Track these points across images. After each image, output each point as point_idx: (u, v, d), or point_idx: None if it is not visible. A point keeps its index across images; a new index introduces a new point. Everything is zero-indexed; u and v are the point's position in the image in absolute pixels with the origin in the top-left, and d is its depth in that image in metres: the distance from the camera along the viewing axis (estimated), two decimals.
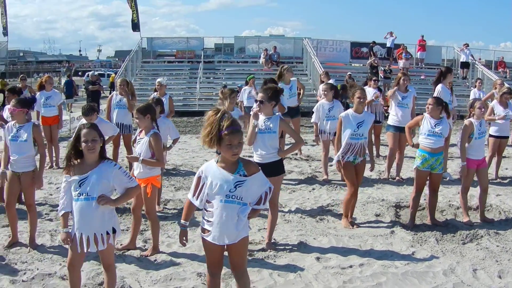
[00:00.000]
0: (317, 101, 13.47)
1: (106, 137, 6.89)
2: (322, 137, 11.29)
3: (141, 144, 7.01)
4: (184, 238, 5.04)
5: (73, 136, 5.14)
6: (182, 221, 5.02)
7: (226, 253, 4.93)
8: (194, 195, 4.83)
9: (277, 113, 7.26)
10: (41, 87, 12.83)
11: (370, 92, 12.64)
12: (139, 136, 7.19)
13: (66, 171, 5.12)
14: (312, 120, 11.46)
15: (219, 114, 4.60)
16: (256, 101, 7.20)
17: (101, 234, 5.02)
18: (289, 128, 7.55)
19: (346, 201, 8.20)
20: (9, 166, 7.37)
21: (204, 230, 4.85)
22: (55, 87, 13.18)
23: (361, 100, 8.08)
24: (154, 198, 7.28)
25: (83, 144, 4.96)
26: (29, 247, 7.27)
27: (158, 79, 12.11)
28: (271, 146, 7.06)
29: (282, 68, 13.22)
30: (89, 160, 5.04)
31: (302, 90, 14.51)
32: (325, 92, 11.27)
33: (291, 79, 13.07)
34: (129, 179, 5.20)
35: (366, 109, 8.54)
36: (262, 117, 7.05)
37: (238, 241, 4.80)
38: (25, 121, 7.32)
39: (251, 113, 7.10)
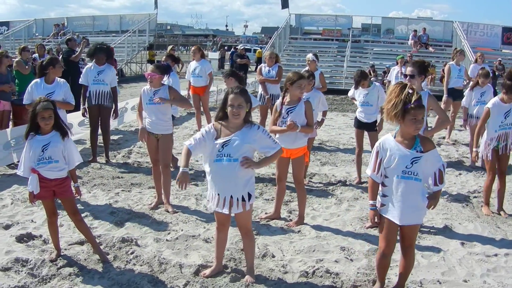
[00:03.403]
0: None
1: None
2: (470, 122, 10.98)
3: (295, 113, 7.00)
4: (376, 217, 5.00)
5: (223, 98, 5.31)
6: (371, 202, 5.02)
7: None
8: (374, 170, 4.93)
9: (425, 89, 7.27)
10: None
11: None
12: (286, 105, 7.13)
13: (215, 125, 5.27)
14: (463, 103, 11.19)
15: (406, 88, 4.69)
16: (405, 76, 7.22)
17: (237, 198, 5.18)
18: (436, 105, 7.47)
19: (485, 188, 8.03)
20: (146, 126, 7.73)
21: (381, 205, 4.97)
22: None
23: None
24: (305, 168, 7.41)
25: (228, 108, 5.11)
26: (171, 209, 7.69)
27: (307, 55, 12.27)
28: None
29: (455, 50, 13.93)
30: (233, 123, 5.18)
31: (468, 79, 14.29)
32: (481, 79, 10.84)
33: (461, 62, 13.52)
34: (273, 142, 5.28)
35: None
36: None
37: (411, 225, 4.90)
38: (161, 85, 7.65)
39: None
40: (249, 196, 5.25)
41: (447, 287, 5.50)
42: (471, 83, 11.28)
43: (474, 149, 8.03)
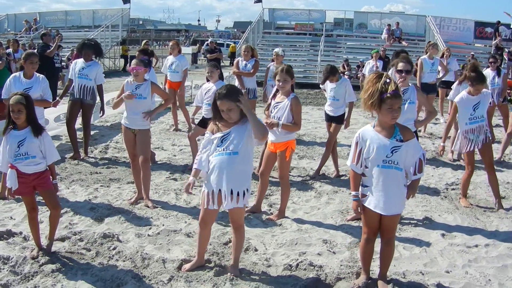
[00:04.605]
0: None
1: None
2: None
3: (280, 108, 7.06)
4: (359, 208, 5.04)
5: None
6: (353, 192, 5.05)
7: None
8: (353, 161, 4.95)
9: (410, 84, 7.39)
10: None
11: (490, 74, 12.01)
12: (274, 100, 7.26)
13: (209, 128, 5.35)
14: (450, 97, 11.17)
15: (382, 78, 4.71)
16: (401, 71, 7.29)
17: (238, 192, 5.17)
18: (423, 98, 7.58)
19: (463, 180, 8.10)
20: (123, 122, 7.78)
21: (362, 195, 5.00)
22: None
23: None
24: (289, 162, 7.44)
25: (221, 111, 5.15)
26: (151, 204, 7.66)
27: (275, 49, 12.30)
28: (410, 116, 7.17)
29: (428, 44, 14.07)
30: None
31: (443, 72, 14.41)
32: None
33: (434, 56, 13.63)
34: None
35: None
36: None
37: (392, 215, 4.94)
38: (143, 80, 7.69)
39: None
40: (246, 193, 5.27)
41: (430, 278, 5.55)
42: (460, 77, 11.31)
43: (441, 144, 8.13)
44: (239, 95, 5.13)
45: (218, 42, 39.82)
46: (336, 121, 9.54)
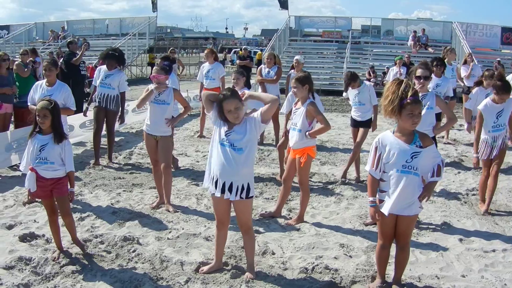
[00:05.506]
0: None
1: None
2: (474, 124, 10.94)
3: (298, 115, 7.19)
4: (377, 214, 5.03)
5: (216, 107, 5.33)
6: (371, 198, 5.06)
7: None
8: (373, 166, 4.98)
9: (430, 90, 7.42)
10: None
11: None
12: (294, 107, 7.40)
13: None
14: (466, 106, 11.09)
15: (402, 84, 4.76)
16: (419, 78, 7.33)
17: (237, 186, 5.26)
18: (443, 104, 7.59)
19: (480, 183, 8.12)
20: (145, 128, 7.88)
21: (379, 201, 5.03)
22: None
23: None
24: (309, 169, 7.50)
25: (228, 115, 5.21)
26: (171, 208, 7.75)
27: (296, 57, 12.33)
28: (428, 122, 7.18)
29: (446, 49, 13.87)
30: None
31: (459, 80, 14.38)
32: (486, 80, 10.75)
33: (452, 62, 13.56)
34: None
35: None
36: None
37: (410, 215, 4.97)
38: (166, 87, 7.79)
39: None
40: (248, 188, 5.33)
41: (445, 282, 5.56)
42: (475, 84, 11.20)
43: (474, 155, 8.04)
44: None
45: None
46: (364, 125, 9.60)
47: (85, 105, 10.79)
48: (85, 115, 10.83)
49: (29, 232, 6.65)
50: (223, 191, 5.28)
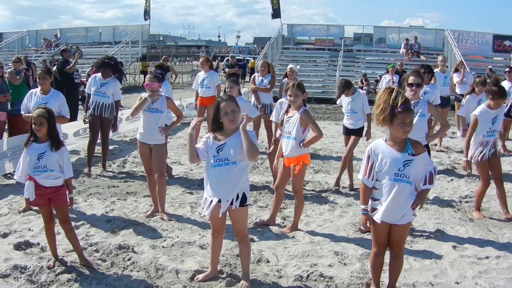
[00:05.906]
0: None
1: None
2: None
3: (291, 123, 7.19)
4: (368, 222, 5.07)
5: (213, 110, 5.39)
6: (363, 206, 5.08)
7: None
8: (365, 174, 4.99)
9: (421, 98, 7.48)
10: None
11: (507, 85, 12.01)
12: (286, 115, 7.39)
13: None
14: (459, 113, 11.13)
15: (393, 93, 4.77)
16: (411, 85, 7.39)
17: (232, 198, 5.29)
18: (435, 111, 7.66)
19: (477, 194, 8.13)
20: (139, 137, 7.90)
21: (372, 209, 5.04)
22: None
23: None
24: (303, 176, 7.52)
25: (224, 117, 5.24)
26: (166, 217, 7.76)
27: (290, 65, 12.35)
28: (420, 129, 7.24)
29: (439, 60, 14.17)
30: (229, 130, 5.31)
31: (452, 86, 14.45)
32: (478, 87, 10.84)
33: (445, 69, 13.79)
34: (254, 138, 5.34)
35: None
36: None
37: (403, 224, 4.97)
38: (159, 95, 7.78)
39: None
40: (244, 196, 5.36)
41: None
42: (466, 91, 11.32)
43: (464, 159, 8.09)
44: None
45: (238, 58, 40.07)
46: (356, 133, 9.65)
47: (82, 114, 10.78)
48: (85, 122, 10.83)
49: (24, 241, 6.64)
50: (221, 209, 5.33)
